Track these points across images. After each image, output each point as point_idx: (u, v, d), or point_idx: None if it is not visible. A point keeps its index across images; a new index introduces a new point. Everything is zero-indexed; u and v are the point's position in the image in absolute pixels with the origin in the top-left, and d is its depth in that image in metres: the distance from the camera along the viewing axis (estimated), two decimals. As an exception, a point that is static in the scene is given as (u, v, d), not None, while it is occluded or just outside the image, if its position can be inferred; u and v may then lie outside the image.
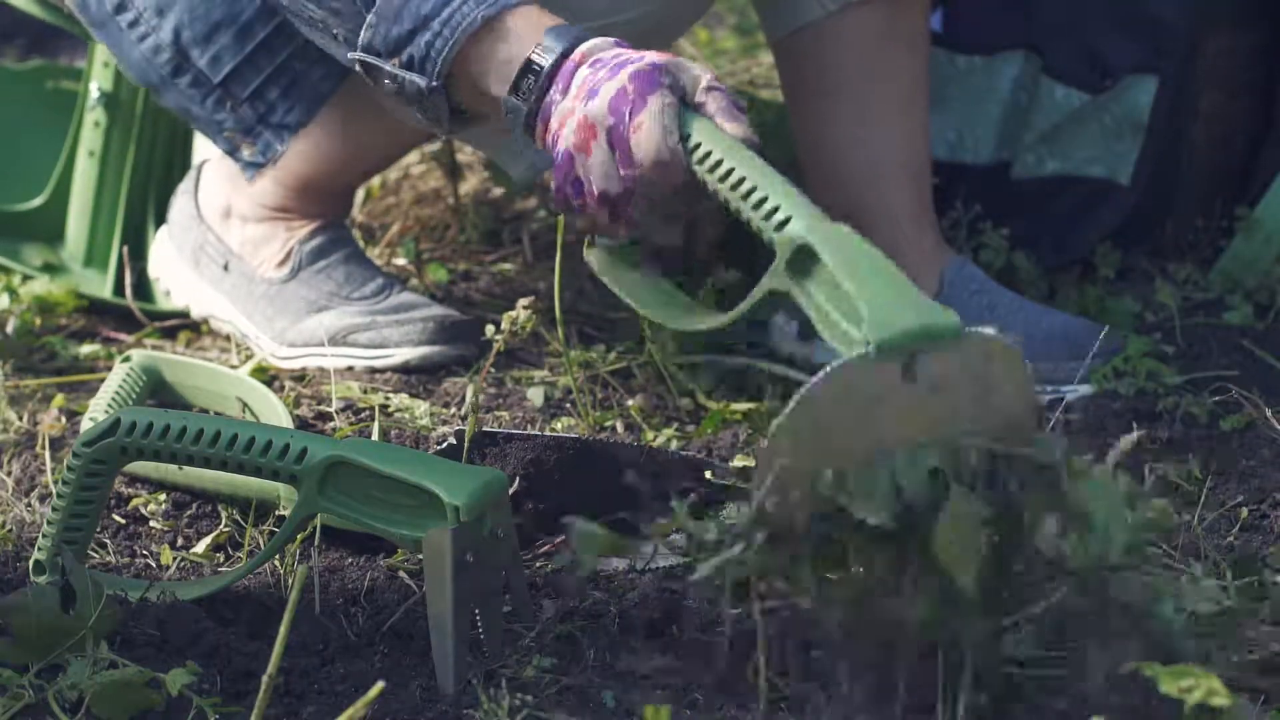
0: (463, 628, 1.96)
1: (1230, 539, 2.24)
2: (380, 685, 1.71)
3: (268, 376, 2.76)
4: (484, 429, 2.35)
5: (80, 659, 1.94)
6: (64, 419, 2.63)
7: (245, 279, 2.86)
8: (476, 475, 2.01)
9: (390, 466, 2.02)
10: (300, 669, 2.00)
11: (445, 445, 2.33)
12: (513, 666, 1.99)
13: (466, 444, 2.29)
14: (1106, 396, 2.64)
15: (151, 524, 2.36)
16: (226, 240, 2.88)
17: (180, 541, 2.32)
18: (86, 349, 2.88)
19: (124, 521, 2.36)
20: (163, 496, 2.40)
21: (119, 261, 3.00)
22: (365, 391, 2.67)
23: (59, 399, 2.68)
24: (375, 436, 2.48)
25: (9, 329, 2.85)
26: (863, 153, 2.74)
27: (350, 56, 2.15)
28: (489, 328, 2.38)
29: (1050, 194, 2.97)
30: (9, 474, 2.48)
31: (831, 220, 1.93)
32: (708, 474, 2.31)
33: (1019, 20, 2.96)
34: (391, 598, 2.14)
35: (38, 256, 3.08)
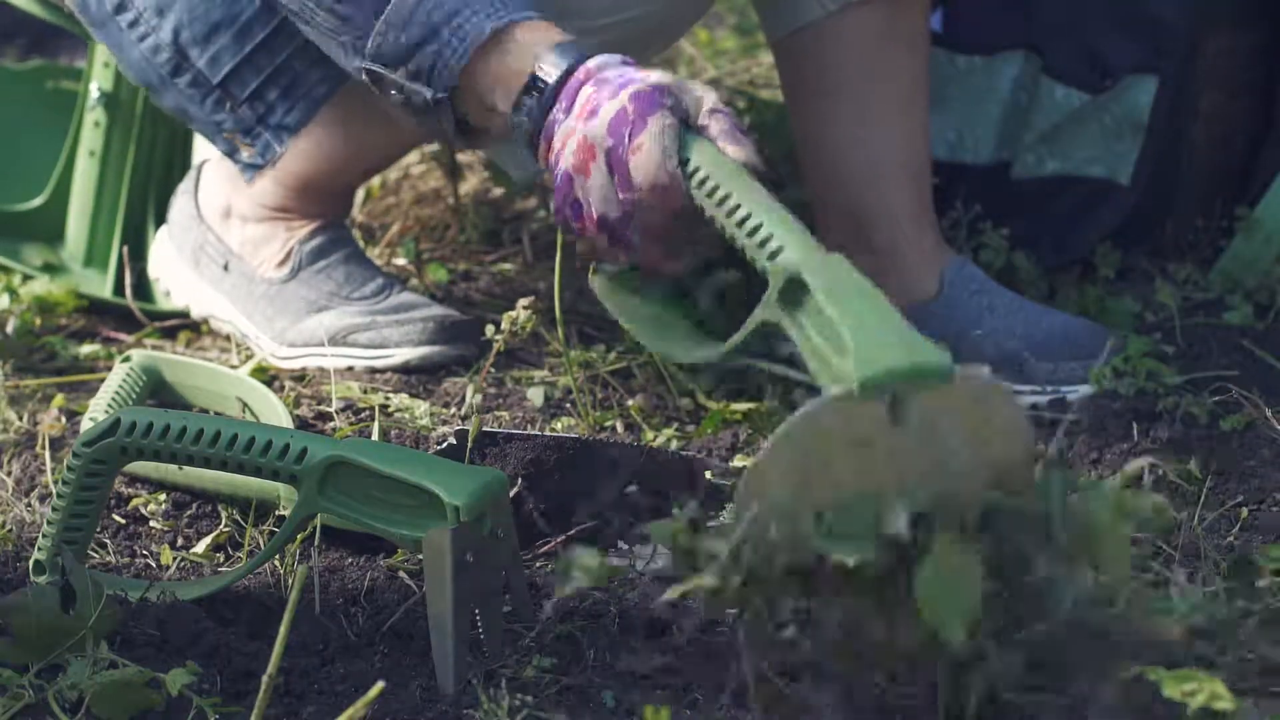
0: (463, 628, 1.96)
1: (1230, 539, 2.24)
2: (380, 685, 1.71)
3: (268, 376, 2.76)
4: (484, 429, 2.35)
5: (80, 659, 1.94)
6: (64, 419, 2.63)
7: (245, 279, 2.86)
8: (476, 475, 2.01)
9: (390, 466, 2.02)
10: (300, 669, 2.00)
11: (445, 445, 2.33)
12: (513, 666, 1.99)
13: (469, 444, 2.29)
14: (1106, 396, 2.64)
15: (151, 524, 2.36)
16: (226, 240, 2.88)
17: (180, 541, 2.32)
18: (86, 349, 2.88)
19: (124, 521, 2.36)
20: (163, 496, 2.40)
21: (119, 261, 3.00)
22: (365, 391, 2.67)
23: (59, 399, 2.68)
24: (375, 436, 2.48)
25: (9, 329, 2.85)
26: (863, 153, 2.74)
27: (357, 65, 2.13)
28: (489, 328, 2.38)
29: (1050, 194, 2.97)
30: (9, 474, 2.48)
31: (827, 250, 1.87)
32: (708, 474, 2.31)
33: (1019, 20, 2.96)
34: (391, 598, 2.14)
35: (38, 256, 3.08)
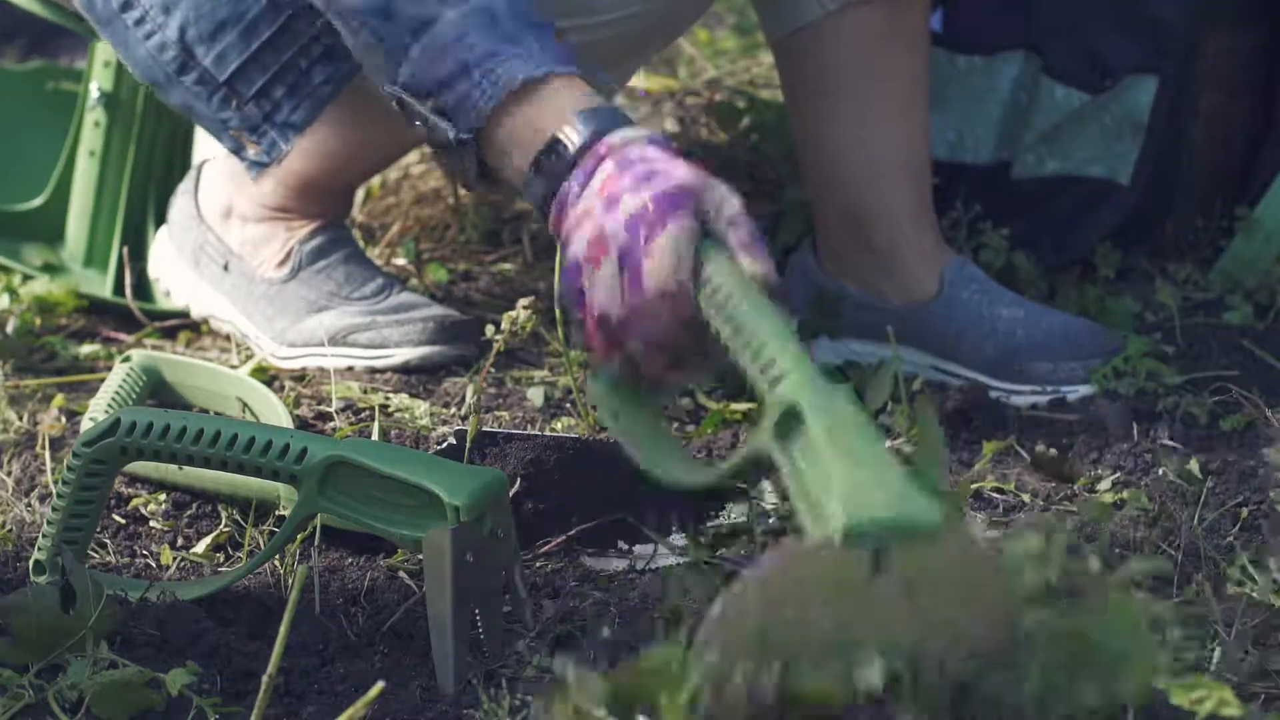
0: (463, 628, 1.96)
1: (1230, 539, 2.24)
2: (380, 685, 1.71)
3: (268, 376, 2.76)
4: (484, 429, 2.35)
5: (80, 659, 1.94)
6: (64, 419, 2.63)
7: (245, 279, 2.86)
8: (476, 475, 2.01)
9: (390, 466, 2.01)
10: (300, 669, 2.00)
11: (445, 445, 2.33)
12: (513, 666, 1.99)
13: (468, 444, 2.29)
14: (1106, 396, 2.64)
15: (151, 524, 2.36)
16: (226, 240, 2.88)
17: (180, 541, 2.32)
18: (86, 349, 2.88)
19: (124, 521, 2.36)
20: (163, 496, 2.40)
21: (119, 261, 3.00)
22: (365, 391, 2.67)
23: (59, 399, 2.68)
24: (375, 436, 2.48)
25: (9, 329, 2.85)
26: (863, 153, 2.74)
27: (387, 89, 2.07)
28: (489, 328, 2.38)
29: (1050, 194, 2.97)
30: (9, 474, 2.48)
31: (827, 379, 1.76)
32: (708, 474, 2.31)
33: (1019, 20, 2.96)
34: (391, 598, 2.14)
35: (38, 256, 3.08)
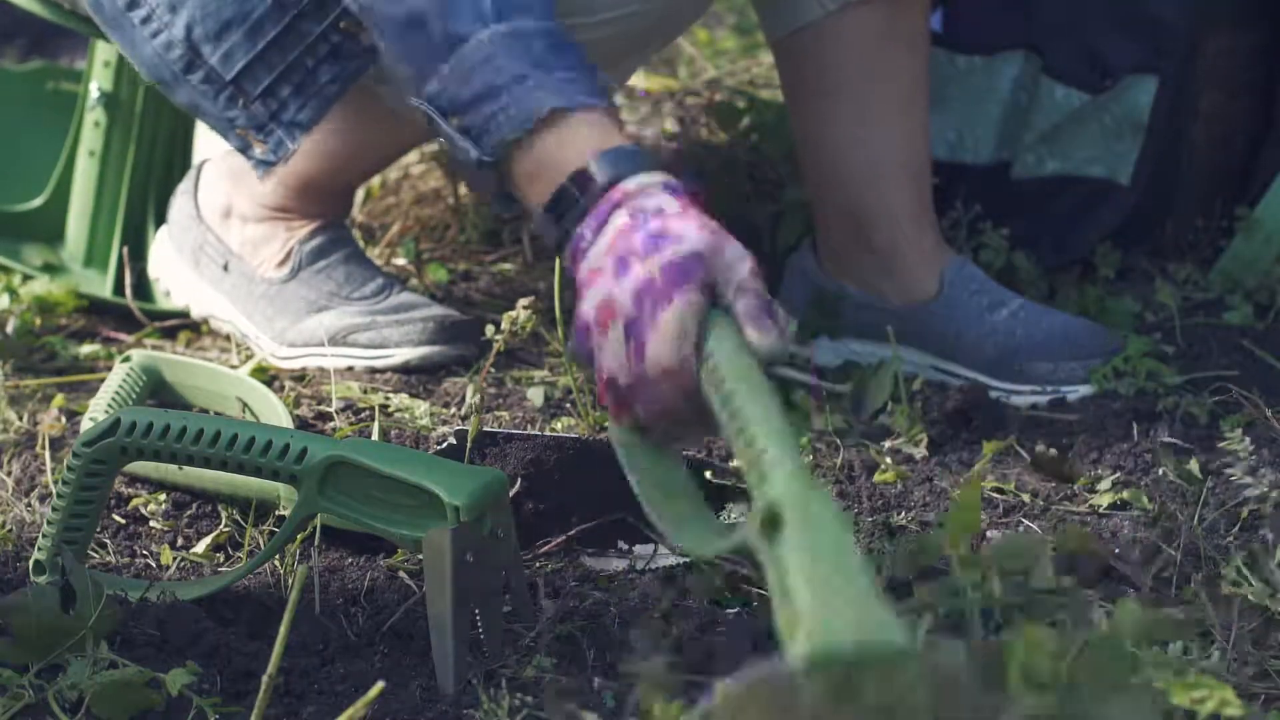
0: (463, 628, 1.96)
1: (1230, 539, 2.24)
2: (380, 685, 1.71)
3: (268, 376, 2.76)
4: (484, 429, 2.35)
5: (80, 659, 1.94)
6: (64, 419, 2.63)
7: (245, 279, 2.86)
8: (477, 475, 2.01)
9: (390, 466, 2.01)
10: (300, 669, 2.00)
11: (445, 445, 2.33)
12: (513, 666, 1.99)
13: (468, 444, 2.29)
14: (1106, 396, 2.64)
15: (151, 524, 2.36)
16: (226, 240, 2.88)
17: (180, 541, 2.32)
18: (86, 349, 2.88)
19: (124, 521, 2.36)
20: (163, 496, 2.40)
21: (119, 261, 3.00)
22: (365, 391, 2.67)
23: (59, 399, 2.68)
24: (375, 436, 2.48)
25: (9, 329, 2.85)
26: (863, 153, 2.74)
27: (414, 102, 2.05)
28: (489, 328, 2.38)
29: (1050, 194, 2.97)
30: (9, 474, 2.48)
31: (813, 480, 1.72)
32: (708, 474, 2.31)
33: (1019, 20, 2.96)
34: (391, 598, 2.14)
35: (38, 256, 3.08)
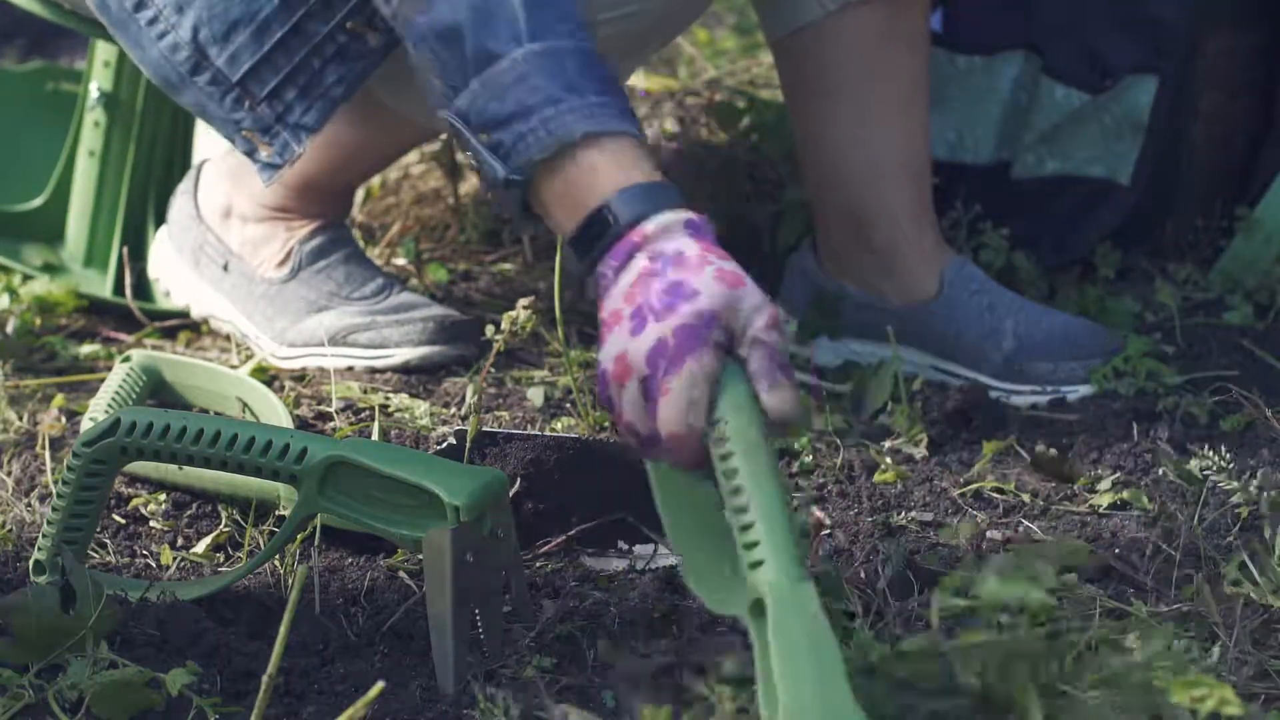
0: (463, 628, 1.96)
1: (1230, 539, 2.24)
2: (380, 685, 1.71)
3: (268, 376, 2.76)
4: (484, 429, 2.35)
5: (80, 659, 1.94)
6: (64, 419, 2.63)
7: (245, 279, 2.86)
8: (476, 475, 2.01)
9: (390, 466, 2.01)
10: (300, 669, 2.00)
11: (445, 445, 2.33)
12: (513, 666, 1.99)
13: (468, 444, 2.29)
14: (1106, 396, 2.64)
15: (151, 524, 2.36)
16: (226, 240, 2.88)
17: (180, 541, 2.32)
18: (86, 349, 2.88)
19: (124, 521, 2.36)
20: (163, 496, 2.40)
21: (119, 261, 3.00)
22: (365, 391, 2.67)
23: (59, 399, 2.68)
24: (375, 436, 2.48)
25: (9, 329, 2.85)
26: (863, 153, 2.74)
27: (442, 113, 2.06)
28: (489, 328, 2.38)
29: (1050, 194, 2.97)
30: (9, 474, 2.48)
31: (801, 568, 1.77)
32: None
33: (1019, 20, 2.96)
34: (391, 598, 2.14)
35: (38, 256, 3.08)
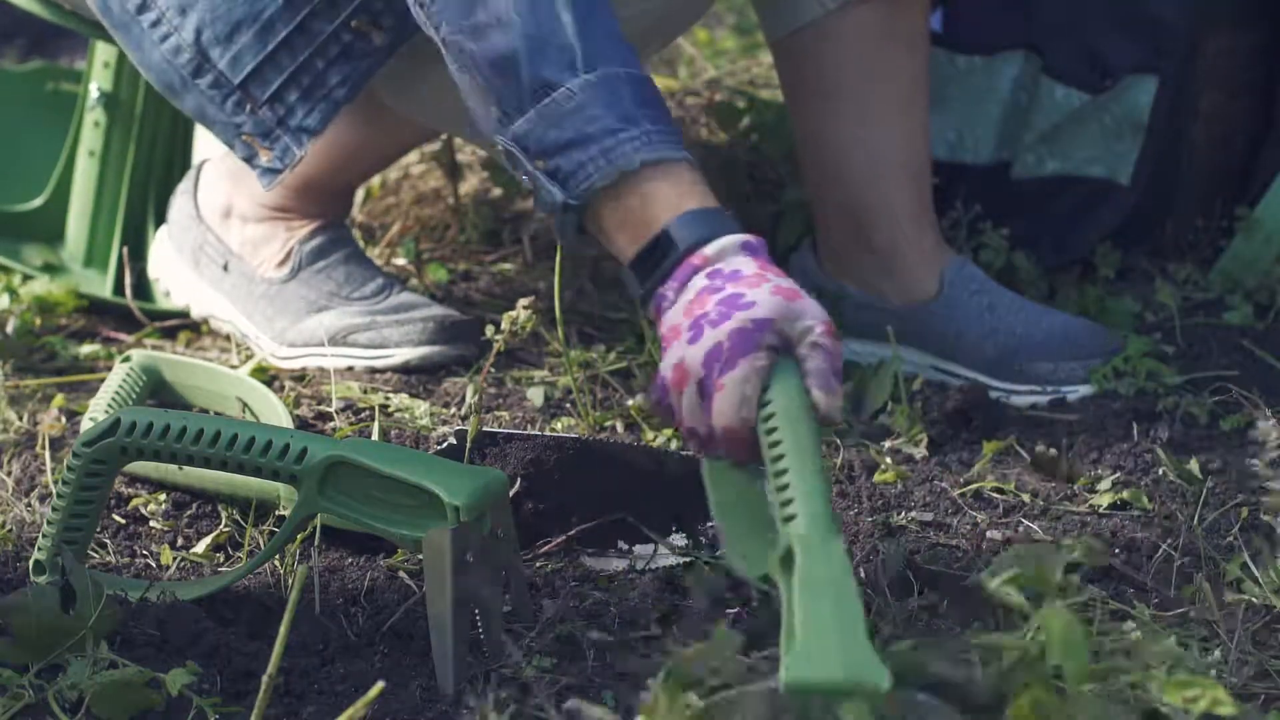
0: (463, 628, 1.96)
1: (1230, 539, 2.24)
2: (380, 685, 1.71)
3: (268, 376, 2.76)
4: (484, 429, 2.35)
5: (80, 659, 1.94)
6: (64, 419, 2.63)
7: (245, 279, 2.86)
8: (477, 475, 2.01)
9: (390, 466, 2.01)
10: (300, 669, 2.00)
11: (445, 445, 2.33)
12: (513, 666, 1.99)
13: (468, 444, 2.29)
14: (1106, 396, 2.64)
15: (151, 524, 2.36)
16: (226, 240, 2.88)
17: (180, 541, 2.32)
18: (86, 349, 2.88)
19: (124, 521, 2.36)
20: (163, 496, 2.40)
21: (119, 261, 3.00)
22: (365, 391, 2.67)
23: (59, 399, 2.68)
24: (375, 436, 2.48)
25: (9, 329, 2.85)
26: (863, 152, 2.74)
27: (498, 139, 2.12)
28: (489, 328, 2.38)
29: (1050, 194, 2.97)
30: (9, 474, 2.48)
31: (832, 526, 1.85)
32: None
33: (1019, 20, 2.96)
34: (391, 598, 2.14)
35: (38, 256, 3.08)
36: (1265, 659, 1.96)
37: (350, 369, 2.77)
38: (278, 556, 2.18)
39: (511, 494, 2.16)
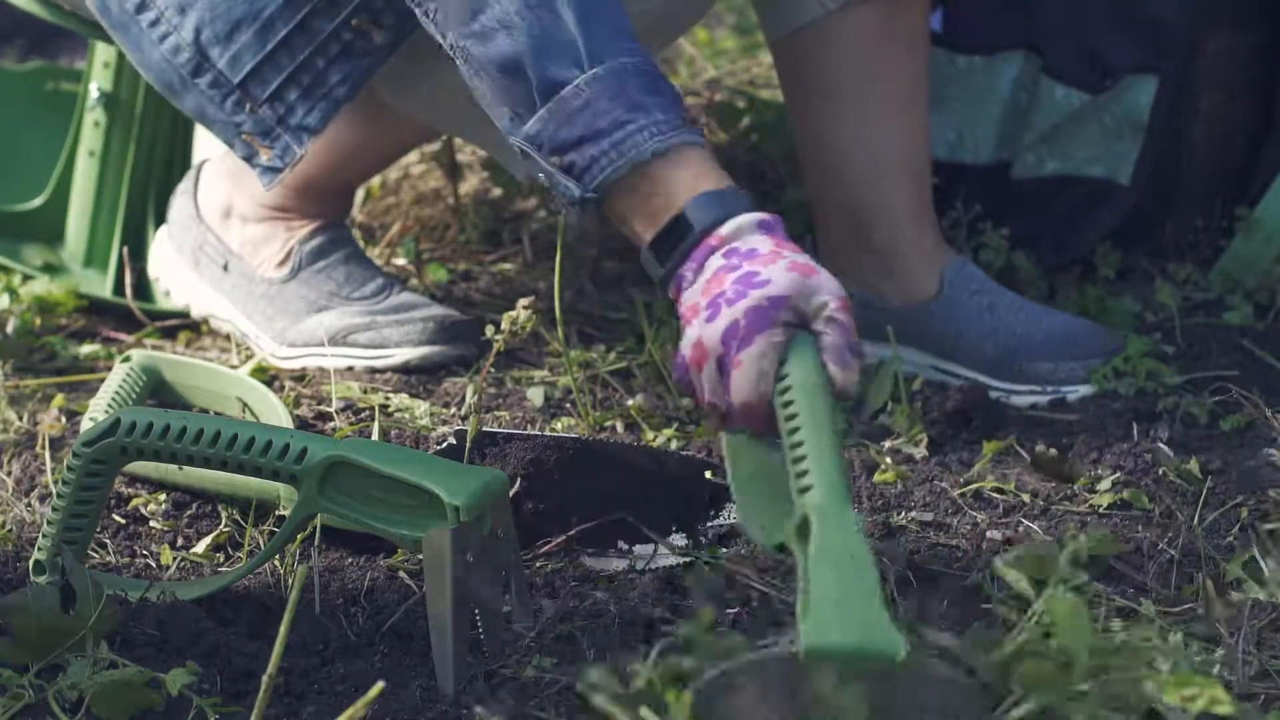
0: (463, 628, 1.96)
1: (1230, 539, 2.24)
2: (380, 685, 1.71)
3: (268, 376, 2.76)
4: (484, 429, 2.35)
5: (80, 659, 1.94)
6: (64, 419, 2.63)
7: (245, 279, 2.86)
8: (477, 475, 2.01)
9: (390, 466, 2.02)
10: (300, 669, 2.00)
11: (445, 445, 2.33)
12: (513, 666, 1.99)
13: (468, 444, 2.29)
14: (1106, 396, 2.64)
15: (151, 524, 2.36)
16: (226, 240, 2.88)
17: (180, 541, 2.32)
18: (86, 349, 2.88)
19: (124, 521, 2.36)
20: (163, 496, 2.40)
21: (119, 261, 3.00)
22: (365, 391, 2.67)
23: (59, 399, 2.68)
24: (375, 436, 2.48)
25: (9, 329, 2.85)
26: (863, 153, 2.74)
27: (512, 140, 2.17)
28: (489, 328, 2.38)
29: (1050, 194, 2.97)
30: (9, 474, 2.48)
31: (848, 497, 1.89)
32: (708, 474, 2.31)
33: (1019, 20, 2.96)
34: (391, 598, 2.14)
35: (38, 256, 3.08)
36: (1265, 659, 1.96)
37: (350, 369, 2.77)
38: (278, 556, 2.18)
39: (511, 494, 2.16)
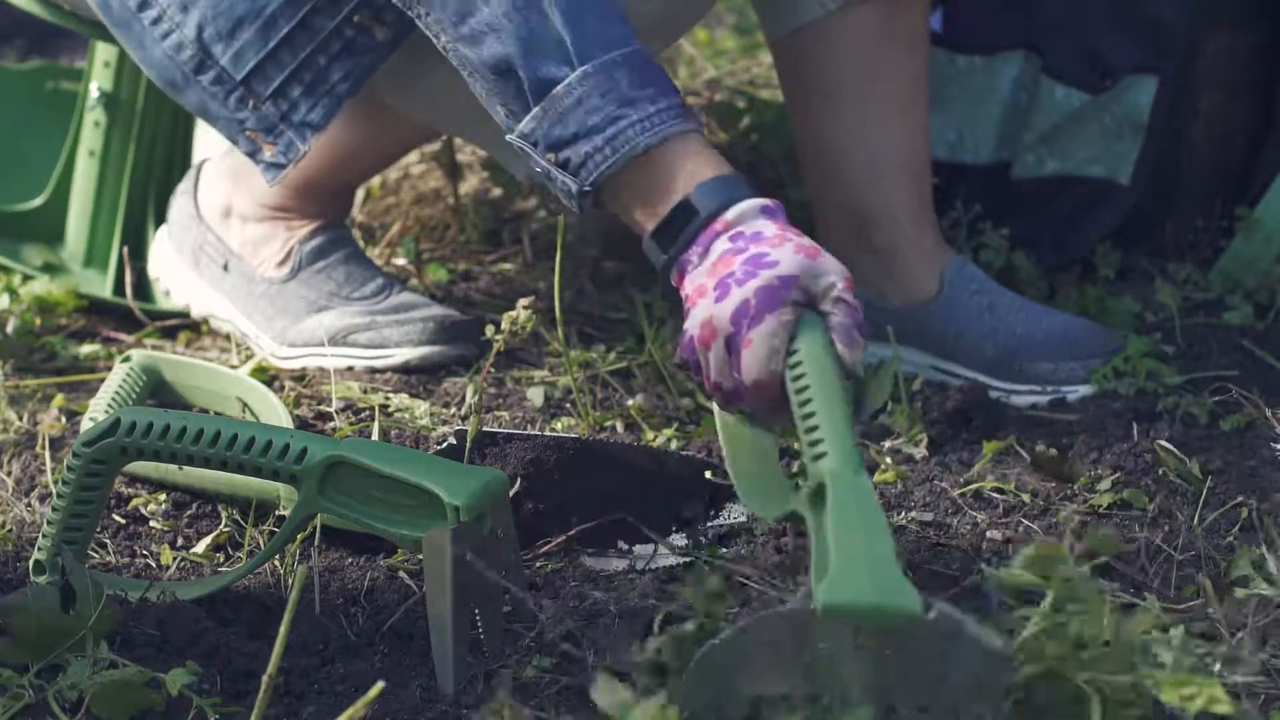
0: (463, 628, 1.96)
1: (1230, 539, 2.24)
2: (380, 685, 1.71)
3: (268, 376, 2.76)
4: (484, 429, 2.35)
5: (80, 659, 1.94)
6: (64, 419, 2.63)
7: (245, 279, 2.86)
8: (477, 475, 2.01)
9: (390, 466, 2.02)
10: (300, 669, 2.00)
11: (445, 445, 2.33)
12: (513, 666, 1.99)
13: (468, 444, 2.29)
14: (1106, 396, 2.64)
15: (151, 524, 2.36)
16: (226, 240, 2.88)
17: (180, 541, 2.32)
18: (86, 349, 2.88)
19: (124, 521, 2.36)
20: (163, 496, 2.40)
21: (119, 261, 3.00)
22: (365, 391, 2.67)
23: (59, 399, 2.68)
24: (375, 436, 2.48)
25: (9, 329, 2.85)
26: (863, 153, 2.74)
27: (509, 138, 2.20)
28: (489, 328, 2.38)
29: (1050, 194, 2.97)
30: (9, 474, 2.48)
31: (861, 464, 1.93)
32: (708, 474, 2.31)
33: (1019, 20, 2.96)
34: (391, 598, 2.14)
35: (38, 256, 3.08)
36: (1265, 658, 1.96)
37: (350, 369, 2.77)
38: (278, 556, 2.18)
39: (511, 494, 2.16)
